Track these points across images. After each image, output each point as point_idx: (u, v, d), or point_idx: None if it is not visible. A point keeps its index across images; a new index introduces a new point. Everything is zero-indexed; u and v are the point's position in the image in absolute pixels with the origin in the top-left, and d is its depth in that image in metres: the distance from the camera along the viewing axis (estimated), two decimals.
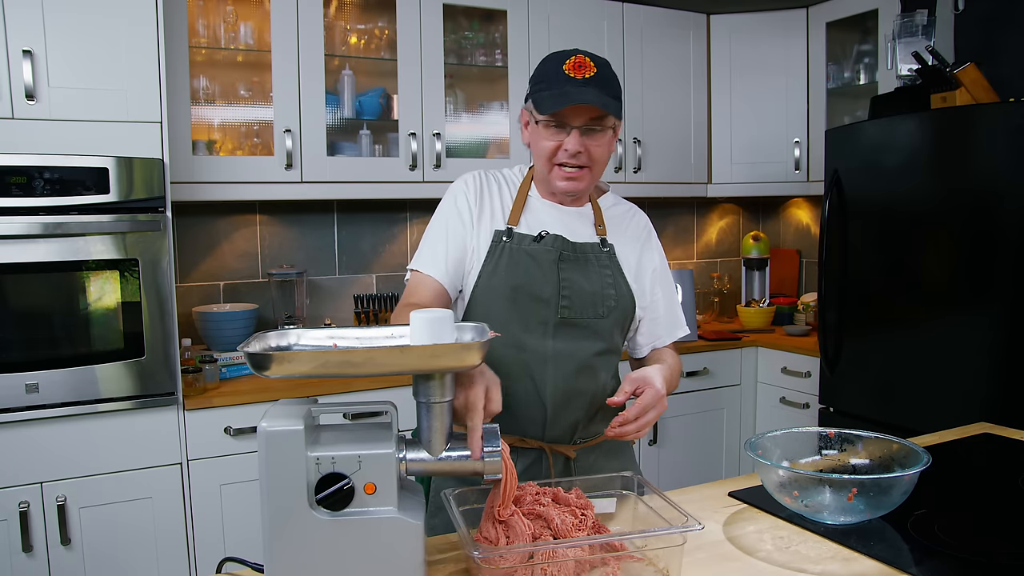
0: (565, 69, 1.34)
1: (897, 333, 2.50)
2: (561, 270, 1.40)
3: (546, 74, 1.37)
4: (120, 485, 2.16)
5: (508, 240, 1.41)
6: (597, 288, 1.41)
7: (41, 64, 2.05)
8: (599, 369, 1.43)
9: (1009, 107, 2.20)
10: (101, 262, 2.11)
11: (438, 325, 0.99)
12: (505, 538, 1.00)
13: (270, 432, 0.94)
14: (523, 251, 1.40)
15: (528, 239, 1.41)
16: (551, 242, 1.41)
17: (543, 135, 1.38)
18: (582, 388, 1.41)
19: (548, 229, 1.43)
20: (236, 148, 2.73)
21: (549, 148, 1.38)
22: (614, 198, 1.57)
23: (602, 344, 1.43)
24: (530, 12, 2.98)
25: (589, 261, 1.43)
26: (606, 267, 1.44)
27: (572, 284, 1.40)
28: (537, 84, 1.38)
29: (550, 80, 1.35)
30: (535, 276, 1.38)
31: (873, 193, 2.56)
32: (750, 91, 3.37)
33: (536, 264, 1.39)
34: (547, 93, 1.35)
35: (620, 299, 1.43)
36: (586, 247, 1.44)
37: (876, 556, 1.05)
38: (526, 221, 1.45)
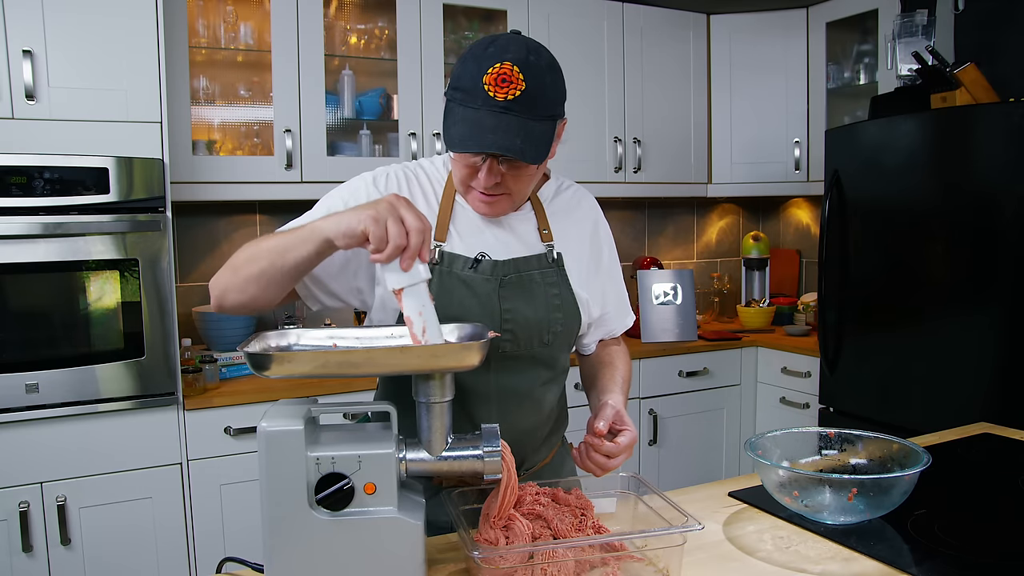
0: (486, 83, 1.07)
1: (897, 333, 2.50)
2: (502, 299, 1.19)
3: (463, 80, 1.10)
4: (120, 485, 2.16)
5: (438, 263, 1.19)
6: (542, 314, 1.22)
7: (41, 64, 2.05)
8: (544, 399, 1.28)
9: (1009, 107, 2.20)
10: (101, 262, 2.11)
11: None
12: (505, 538, 1.00)
13: (270, 432, 0.94)
14: (456, 278, 1.18)
15: (461, 261, 1.19)
16: (489, 268, 1.20)
17: (456, 157, 1.15)
18: (528, 423, 1.26)
19: (483, 246, 1.21)
20: (236, 148, 2.73)
21: (462, 174, 1.16)
22: (556, 182, 1.36)
23: (547, 372, 1.27)
24: (530, 12, 2.98)
25: (534, 281, 1.23)
26: (553, 285, 1.25)
27: (515, 315, 1.20)
28: (455, 91, 1.11)
29: (467, 92, 1.09)
30: (471, 309, 1.18)
31: (873, 193, 2.56)
32: (750, 91, 3.37)
33: (472, 294, 1.18)
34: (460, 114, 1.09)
35: (567, 320, 1.26)
36: (531, 263, 1.23)
37: (876, 556, 1.05)
38: (456, 234, 1.21)
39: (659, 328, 3.13)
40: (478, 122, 1.07)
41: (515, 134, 1.07)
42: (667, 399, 3.05)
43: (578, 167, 3.12)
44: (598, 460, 1.18)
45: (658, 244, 3.73)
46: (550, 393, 1.30)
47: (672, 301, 3.16)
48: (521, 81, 1.07)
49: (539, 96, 1.09)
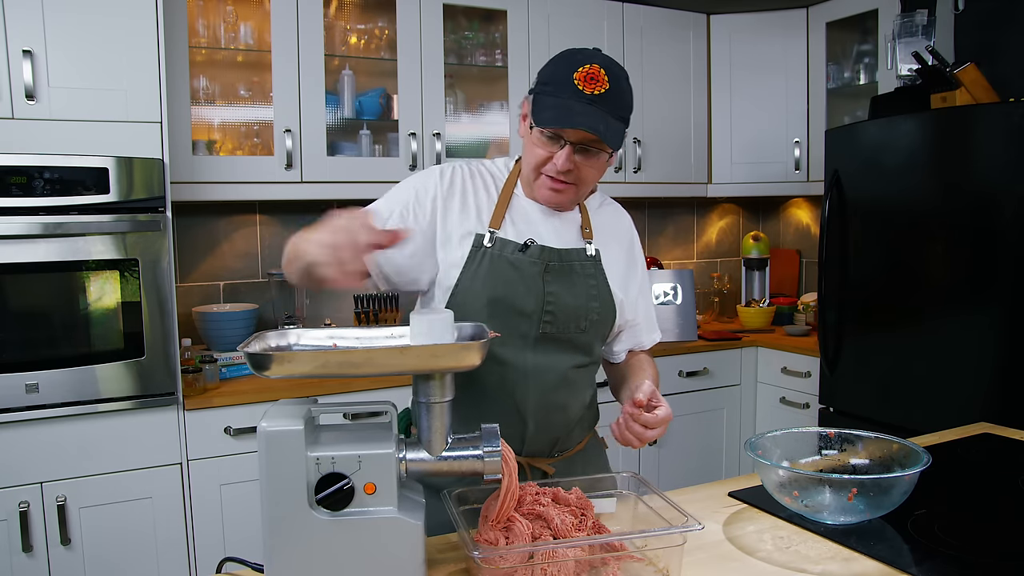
0: (575, 79, 1.23)
1: (897, 333, 2.50)
2: (546, 283, 1.32)
3: (555, 77, 1.26)
4: (120, 485, 2.16)
5: (490, 246, 1.31)
6: (581, 301, 1.34)
7: (41, 64, 2.05)
8: (579, 382, 1.39)
9: (1009, 107, 2.20)
10: (101, 262, 2.11)
11: (438, 325, 0.99)
12: (505, 539, 1.00)
13: (270, 432, 0.94)
14: (506, 260, 1.31)
15: (511, 246, 1.32)
16: (537, 253, 1.32)
17: (536, 142, 1.29)
18: (563, 402, 1.36)
19: (533, 235, 1.34)
20: (236, 148, 2.73)
21: (539, 158, 1.30)
22: (601, 197, 1.50)
23: (583, 357, 1.37)
24: (530, 12, 2.98)
25: (574, 271, 1.35)
26: (591, 276, 1.37)
27: (557, 298, 1.32)
28: (544, 85, 1.28)
29: (557, 85, 1.25)
30: (517, 289, 1.30)
31: (873, 193, 2.56)
32: (750, 91, 3.37)
33: (519, 276, 1.30)
34: (551, 101, 1.25)
35: (603, 311, 1.37)
36: (572, 255, 1.35)
37: (876, 556, 1.05)
38: (510, 222, 1.35)
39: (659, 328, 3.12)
40: (568, 107, 1.23)
41: (599, 120, 1.23)
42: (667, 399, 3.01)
43: None
44: (636, 430, 1.24)
45: (658, 244, 3.73)
46: (583, 377, 1.40)
47: (672, 301, 3.16)
48: (606, 81, 1.24)
49: (619, 97, 1.26)
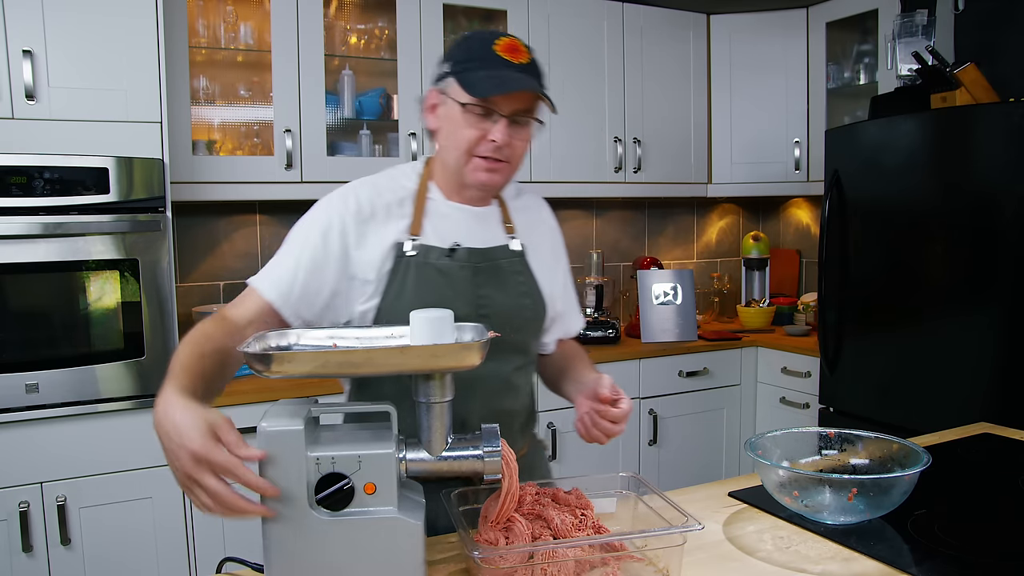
0: (497, 50, 1.19)
1: (897, 333, 2.50)
2: (477, 286, 1.26)
3: (474, 53, 1.21)
4: (120, 485, 2.16)
5: (413, 254, 1.24)
6: (514, 301, 1.30)
7: (41, 64, 2.05)
8: (521, 385, 1.34)
9: (1009, 107, 2.20)
10: (101, 262, 2.11)
11: (438, 325, 0.99)
12: (505, 539, 1.00)
13: (270, 432, 0.94)
14: (432, 267, 1.24)
15: (437, 252, 1.25)
16: (465, 256, 1.26)
17: (465, 122, 1.21)
18: (507, 408, 1.31)
19: (456, 237, 1.28)
20: (236, 148, 2.73)
21: (471, 138, 1.22)
22: (516, 188, 1.43)
23: (521, 358, 1.33)
24: (530, 12, 2.98)
25: (503, 269, 1.30)
26: (519, 273, 1.32)
27: (490, 301, 1.26)
28: (464, 63, 1.21)
29: (481, 60, 1.19)
30: (447, 296, 1.23)
31: (873, 193, 2.56)
32: (750, 91, 3.37)
33: (448, 282, 1.25)
34: (481, 74, 1.18)
35: (535, 308, 1.33)
36: (498, 253, 1.31)
37: (876, 556, 1.05)
38: (430, 227, 1.27)
39: (659, 328, 3.13)
40: (503, 76, 1.18)
41: (536, 86, 1.20)
42: (667, 399, 3.05)
43: (578, 167, 3.12)
44: (605, 427, 1.21)
45: (658, 244, 3.73)
46: (524, 379, 1.35)
47: (672, 301, 3.16)
48: (526, 52, 1.22)
49: (539, 68, 1.23)
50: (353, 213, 1.24)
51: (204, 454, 0.88)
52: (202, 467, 0.88)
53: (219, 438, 0.90)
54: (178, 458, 0.89)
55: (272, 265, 1.25)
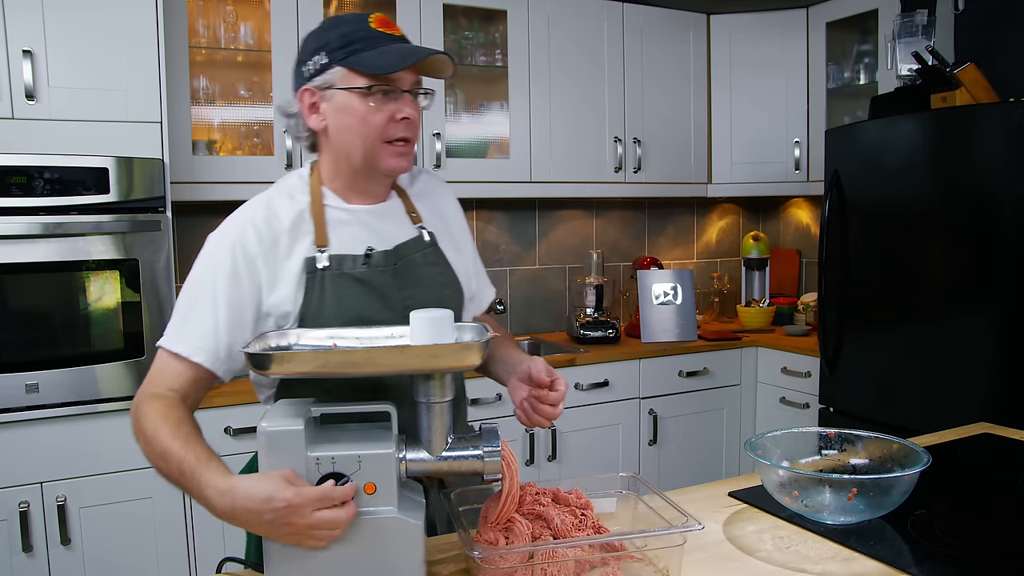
0: (376, 27, 1.14)
1: (897, 333, 2.50)
2: (399, 288, 1.20)
3: (353, 36, 1.14)
4: (120, 485, 2.16)
5: (326, 266, 1.16)
6: (436, 295, 1.24)
7: (41, 64, 2.05)
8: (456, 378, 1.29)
9: (1009, 107, 2.20)
10: (101, 262, 2.11)
11: (438, 325, 0.99)
12: (505, 539, 1.00)
13: (270, 432, 0.94)
14: (348, 277, 1.17)
15: (350, 261, 1.18)
16: (381, 259, 1.20)
17: (369, 109, 1.14)
18: None
19: (365, 240, 1.20)
20: (236, 148, 2.73)
21: (379, 123, 1.15)
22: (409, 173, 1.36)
23: None
24: (530, 12, 2.98)
25: (419, 264, 1.24)
26: (434, 264, 1.26)
27: (414, 300, 1.20)
28: (346, 48, 1.14)
29: (366, 41, 1.13)
30: (370, 304, 1.17)
31: (873, 193, 2.56)
32: (750, 91, 3.37)
33: (369, 290, 1.18)
34: (373, 53, 1.12)
35: (455, 297, 1.28)
36: (411, 248, 1.24)
37: (876, 556, 1.05)
38: (336, 237, 1.19)
39: (659, 328, 3.13)
40: (400, 48, 1.13)
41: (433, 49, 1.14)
42: (667, 399, 3.05)
43: (578, 167, 3.12)
44: (546, 411, 1.18)
45: (658, 244, 3.73)
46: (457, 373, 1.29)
47: (672, 301, 3.16)
48: (397, 27, 1.18)
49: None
50: (255, 248, 1.15)
51: (301, 500, 0.89)
52: (305, 511, 0.89)
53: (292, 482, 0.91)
54: (285, 522, 0.89)
55: (184, 322, 1.15)
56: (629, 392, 2.97)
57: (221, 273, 1.15)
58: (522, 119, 2.99)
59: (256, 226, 1.17)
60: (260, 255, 1.15)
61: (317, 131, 1.21)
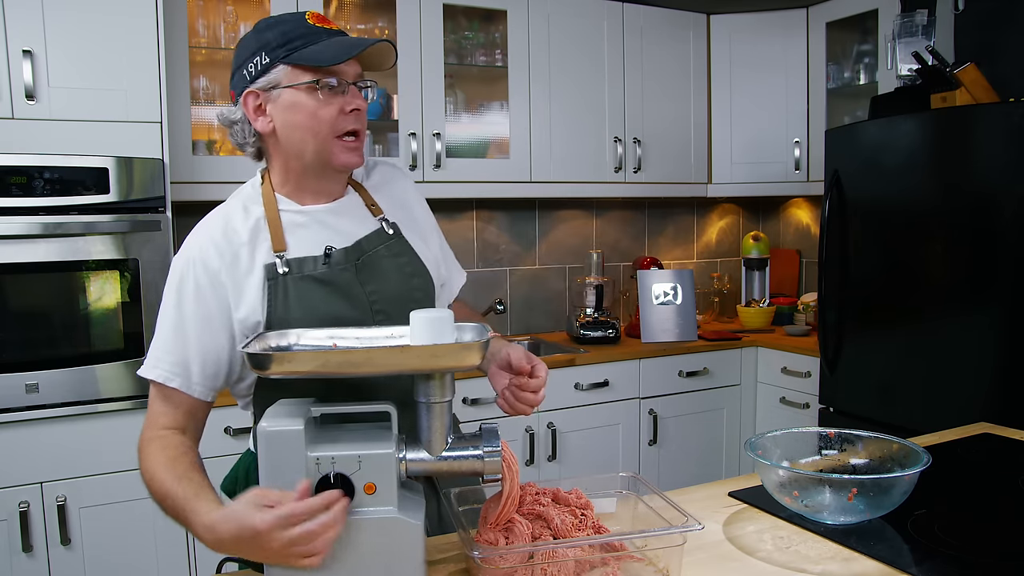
0: (313, 22, 1.14)
1: (897, 333, 2.50)
2: (363, 284, 1.19)
3: (292, 33, 1.13)
4: (120, 485, 2.16)
5: (286, 271, 1.15)
6: (403, 285, 1.23)
7: (41, 64, 2.05)
8: None
9: (1009, 107, 2.20)
10: (101, 262, 2.11)
11: (438, 325, 0.99)
12: (505, 539, 1.00)
13: (270, 432, 0.94)
14: (310, 279, 1.16)
15: (310, 262, 1.17)
16: (342, 257, 1.19)
17: (318, 103, 1.13)
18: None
19: (323, 240, 1.19)
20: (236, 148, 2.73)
21: (330, 116, 1.14)
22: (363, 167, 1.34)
23: None
24: (530, 12, 2.98)
25: (382, 256, 1.22)
26: (399, 254, 1.25)
27: (380, 295, 1.20)
28: (287, 46, 1.13)
29: (305, 37, 1.13)
30: (336, 303, 1.16)
31: (873, 193, 2.56)
32: (750, 91, 3.37)
33: (332, 289, 1.17)
34: (314, 48, 1.12)
35: (425, 286, 1.27)
36: (373, 241, 1.23)
37: (876, 556, 1.05)
38: (294, 240, 1.18)
39: (659, 328, 3.13)
40: (340, 40, 1.14)
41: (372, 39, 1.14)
42: (667, 399, 3.05)
43: (578, 167, 3.12)
44: (527, 398, 1.18)
45: (658, 244, 3.73)
46: None
47: (672, 301, 3.16)
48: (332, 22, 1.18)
49: None
50: (217, 263, 1.15)
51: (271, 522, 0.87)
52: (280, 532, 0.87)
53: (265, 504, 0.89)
54: (262, 546, 0.88)
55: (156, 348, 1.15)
56: (629, 392, 2.97)
57: (186, 293, 1.15)
58: (522, 119, 2.99)
59: (215, 242, 1.16)
60: (223, 269, 1.15)
61: (264, 134, 1.19)
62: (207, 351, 1.14)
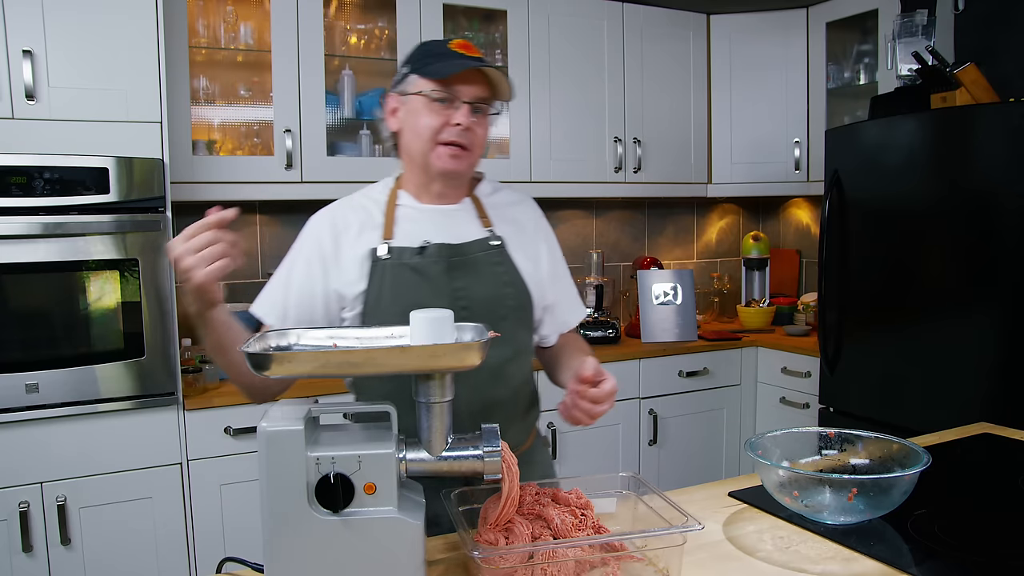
0: (452, 47, 1.29)
1: (897, 333, 2.50)
2: (453, 279, 1.30)
3: (430, 52, 1.31)
4: (120, 485, 2.16)
5: (388, 257, 1.30)
6: (493, 290, 1.33)
7: (41, 64, 2.05)
8: (511, 375, 1.35)
9: (1009, 107, 2.20)
10: (101, 262, 2.11)
11: (438, 325, 0.99)
12: (505, 539, 1.00)
13: (270, 432, 0.94)
14: (406, 267, 1.29)
15: (409, 252, 1.30)
16: (436, 252, 1.31)
17: (427, 111, 1.29)
18: (498, 398, 1.33)
19: (429, 236, 1.32)
20: (236, 148, 2.73)
21: (434, 125, 1.28)
22: (492, 185, 1.47)
23: (509, 349, 1.33)
24: (530, 12, 2.98)
25: (480, 261, 1.33)
26: (498, 264, 1.35)
27: (467, 292, 1.30)
28: (422, 60, 1.31)
29: (438, 56, 1.29)
30: (424, 292, 1.28)
31: (873, 193, 2.56)
32: (750, 91, 3.37)
33: (422, 278, 1.29)
34: (440, 64, 1.27)
35: (518, 296, 1.35)
36: (474, 247, 1.34)
37: (876, 556, 1.05)
38: (402, 232, 1.33)
39: (659, 328, 3.13)
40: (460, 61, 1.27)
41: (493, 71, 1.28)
42: (667, 399, 3.05)
43: (578, 167, 3.12)
44: (585, 407, 1.19)
45: (658, 244, 3.73)
46: (515, 369, 1.36)
47: (672, 301, 3.16)
48: (478, 50, 1.31)
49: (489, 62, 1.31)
50: (329, 232, 1.33)
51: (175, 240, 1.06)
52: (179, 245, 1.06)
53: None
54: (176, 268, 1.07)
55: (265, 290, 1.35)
56: (629, 392, 2.97)
57: (300, 254, 1.34)
58: (522, 119, 2.99)
59: (334, 215, 1.35)
60: (331, 238, 1.33)
61: (394, 132, 1.37)
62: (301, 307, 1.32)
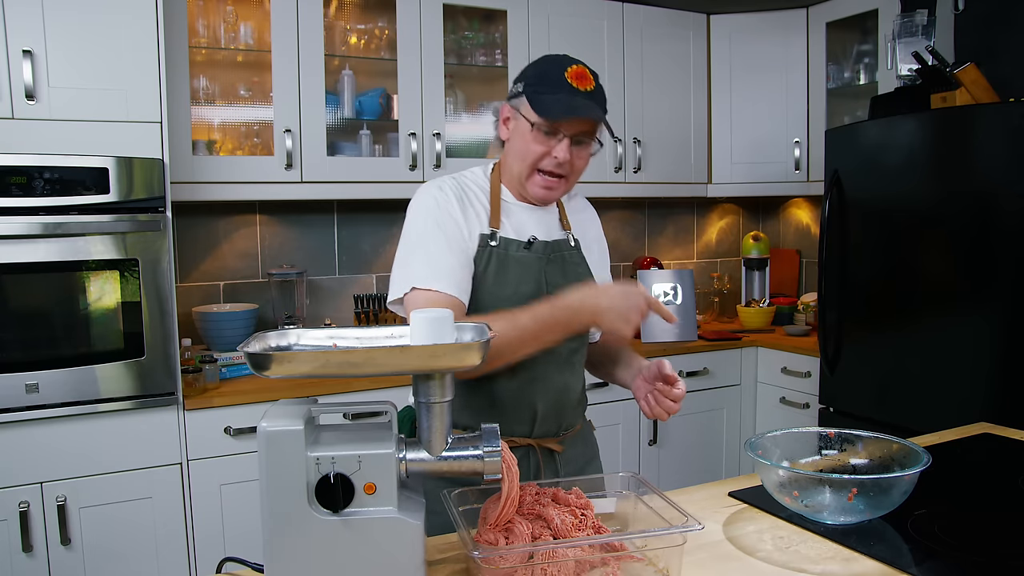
0: (568, 77, 1.34)
1: (897, 333, 2.50)
2: (548, 274, 1.43)
3: (547, 77, 1.36)
4: (120, 485, 2.16)
5: (495, 245, 1.40)
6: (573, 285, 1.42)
7: (41, 64, 2.05)
8: (577, 364, 1.50)
9: (1009, 107, 2.20)
10: (101, 262, 2.11)
11: (438, 325, 0.99)
12: (505, 539, 1.00)
13: (270, 432, 0.94)
14: (511, 257, 1.41)
15: (515, 244, 1.42)
16: (540, 248, 1.43)
17: (532, 139, 1.37)
18: (567, 384, 1.47)
19: (526, 231, 1.44)
20: (236, 148, 2.73)
21: (536, 153, 1.38)
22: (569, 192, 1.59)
23: (577, 341, 1.47)
24: (530, 12, 2.98)
25: (566, 260, 1.47)
26: (578, 264, 1.49)
27: (556, 288, 1.40)
28: (537, 85, 1.37)
29: (553, 85, 1.35)
30: (526, 282, 1.40)
31: (873, 193, 2.56)
32: (750, 91, 3.37)
33: (525, 270, 1.41)
34: (550, 98, 1.34)
35: None
36: (562, 246, 1.48)
37: (876, 556, 1.05)
38: (507, 223, 1.44)
39: (659, 328, 3.13)
40: (570, 102, 1.34)
41: (598, 111, 1.37)
42: None
43: None
44: (668, 405, 1.36)
45: (658, 244, 3.73)
46: (579, 359, 1.52)
47: (672, 301, 3.16)
48: (592, 79, 1.38)
49: (602, 94, 1.40)
50: (455, 198, 1.40)
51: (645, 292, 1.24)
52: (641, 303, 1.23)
53: None
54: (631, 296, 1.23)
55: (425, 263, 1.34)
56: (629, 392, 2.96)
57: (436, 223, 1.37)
58: None
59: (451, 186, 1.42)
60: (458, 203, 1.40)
61: (502, 139, 1.46)
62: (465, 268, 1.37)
